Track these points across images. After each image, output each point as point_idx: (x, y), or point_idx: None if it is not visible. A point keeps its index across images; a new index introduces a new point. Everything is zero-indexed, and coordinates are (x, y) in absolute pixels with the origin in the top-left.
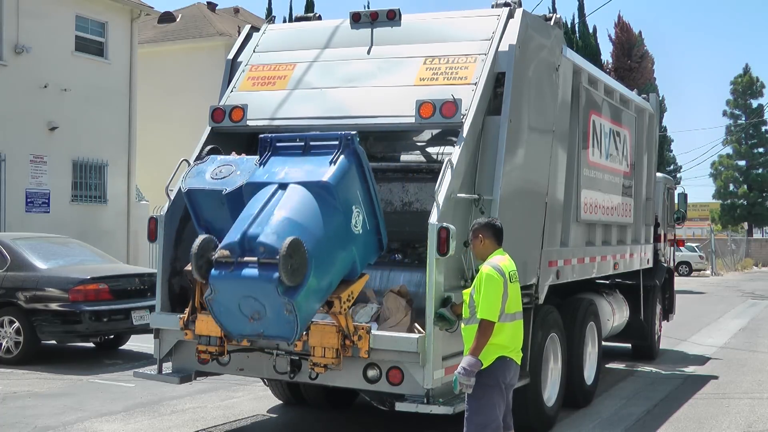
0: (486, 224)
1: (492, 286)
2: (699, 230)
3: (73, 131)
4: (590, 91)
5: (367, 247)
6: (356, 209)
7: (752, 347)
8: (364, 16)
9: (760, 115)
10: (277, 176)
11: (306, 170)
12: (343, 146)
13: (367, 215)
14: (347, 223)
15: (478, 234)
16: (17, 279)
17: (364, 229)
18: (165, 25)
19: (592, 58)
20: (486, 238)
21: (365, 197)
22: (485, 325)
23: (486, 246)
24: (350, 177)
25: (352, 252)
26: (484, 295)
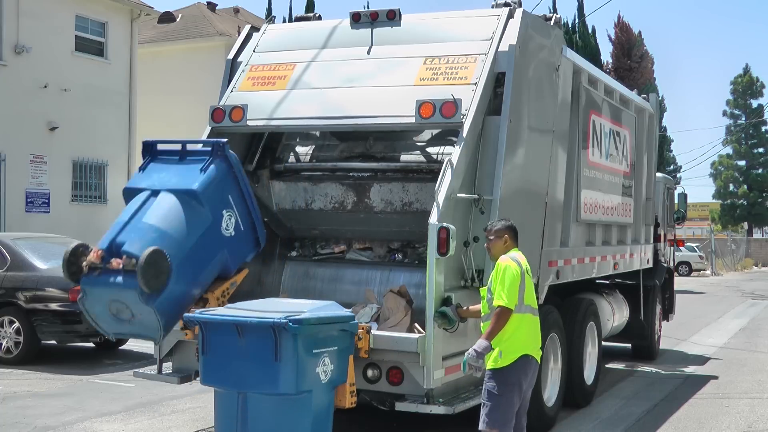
0: (510, 226)
1: (510, 275)
2: (699, 230)
3: (73, 131)
4: (590, 91)
5: (241, 247)
6: (228, 213)
7: (752, 347)
8: (364, 16)
9: (760, 115)
10: (151, 182)
11: (178, 177)
12: (214, 153)
13: (240, 217)
14: (217, 228)
15: (503, 235)
16: (17, 279)
17: (237, 231)
18: (165, 25)
19: (592, 58)
20: (510, 239)
21: (238, 200)
22: (502, 312)
23: (508, 247)
24: (220, 183)
25: (224, 253)
26: (502, 283)
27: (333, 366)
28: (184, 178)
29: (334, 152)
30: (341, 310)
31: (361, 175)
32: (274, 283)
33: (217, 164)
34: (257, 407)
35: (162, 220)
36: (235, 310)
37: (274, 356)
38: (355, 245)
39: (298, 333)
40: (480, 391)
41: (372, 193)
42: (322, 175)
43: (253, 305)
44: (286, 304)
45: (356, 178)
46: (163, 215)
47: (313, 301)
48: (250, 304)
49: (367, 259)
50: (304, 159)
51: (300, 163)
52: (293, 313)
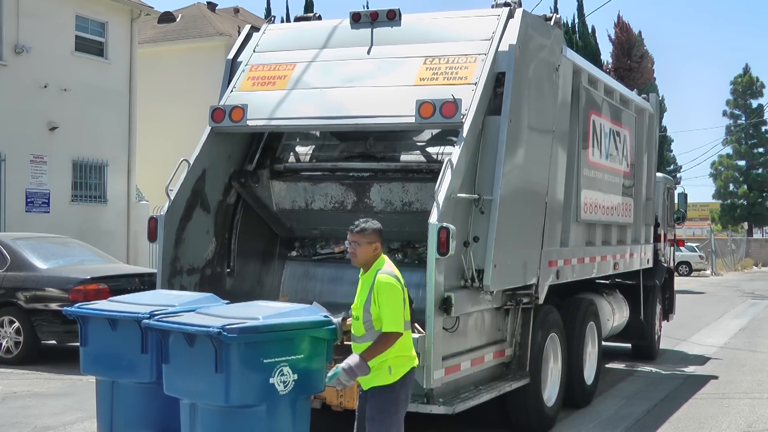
0: (379, 230)
1: (395, 295)
2: (699, 230)
3: (73, 131)
4: (590, 91)
5: None
6: None
7: (752, 347)
8: (364, 16)
9: (760, 115)
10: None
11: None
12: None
13: None
14: None
15: (374, 240)
16: (17, 279)
17: None
18: (165, 25)
19: (592, 58)
20: (380, 245)
21: None
22: (392, 337)
23: (377, 254)
24: None
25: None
26: (389, 306)
27: (297, 376)
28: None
29: (334, 152)
30: (313, 314)
31: (361, 175)
32: (274, 283)
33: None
34: (206, 419)
35: None
36: (196, 316)
37: (214, 366)
38: None
39: (233, 342)
40: (480, 391)
41: (372, 193)
42: (322, 175)
43: (227, 310)
44: (251, 308)
45: (356, 178)
46: None
47: (284, 304)
48: (228, 309)
49: None
50: (304, 159)
51: (300, 163)
52: (241, 320)
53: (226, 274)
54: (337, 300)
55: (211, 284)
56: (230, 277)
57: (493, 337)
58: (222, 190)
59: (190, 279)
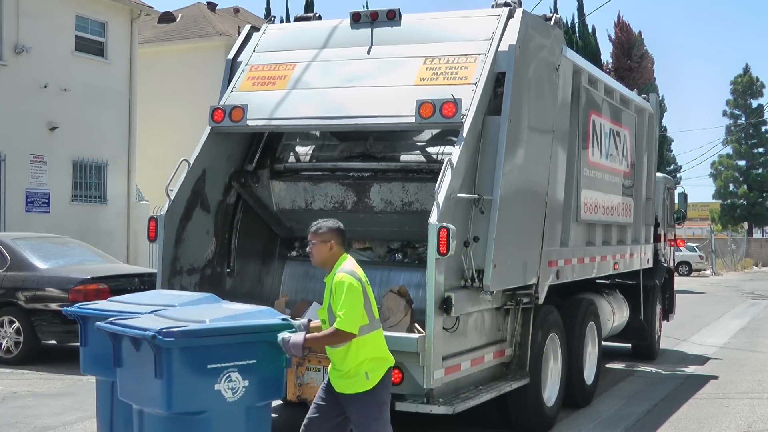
0: (336, 229)
1: (353, 295)
2: (699, 230)
3: (73, 131)
4: (590, 91)
5: None
6: None
7: (752, 347)
8: (364, 16)
9: (760, 115)
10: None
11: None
12: None
13: None
14: None
15: (328, 239)
16: (17, 279)
17: None
18: (165, 25)
19: (592, 58)
20: (337, 244)
21: None
22: (342, 336)
23: (334, 253)
24: None
25: None
26: (346, 305)
27: (248, 382)
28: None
29: (334, 152)
30: (269, 317)
31: (361, 175)
32: (274, 283)
33: None
34: (151, 426)
35: None
36: (150, 318)
37: (154, 371)
38: (355, 245)
39: (173, 347)
40: (480, 391)
41: (372, 193)
42: (322, 175)
43: (184, 312)
44: (206, 310)
45: (356, 178)
46: None
47: (244, 306)
48: (184, 312)
49: (367, 259)
50: (304, 159)
51: (300, 163)
52: (186, 323)
53: (226, 274)
54: None
55: (211, 284)
56: (230, 277)
57: (493, 337)
58: (222, 190)
59: (190, 279)
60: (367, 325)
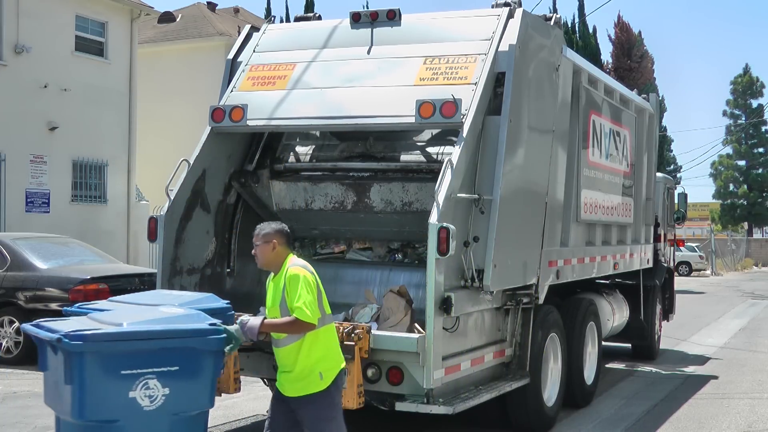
0: (279, 230)
1: (310, 287)
2: (699, 230)
3: (73, 131)
4: (590, 91)
5: None
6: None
7: (752, 347)
8: (364, 16)
9: (760, 115)
10: None
11: None
12: None
13: None
14: None
15: (270, 240)
16: (17, 279)
17: None
18: (165, 25)
19: (592, 58)
20: (280, 244)
21: None
22: (302, 325)
23: (279, 253)
24: None
25: None
26: (304, 296)
27: (169, 390)
28: None
29: (334, 152)
30: (197, 322)
31: (361, 175)
32: None
33: None
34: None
35: None
36: (79, 320)
37: (63, 376)
38: (355, 245)
39: (84, 351)
40: (480, 391)
41: (372, 193)
42: (322, 175)
43: (112, 316)
44: (132, 313)
45: (356, 178)
46: None
47: (177, 310)
48: (113, 315)
49: (367, 259)
50: (304, 159)
51: (300, 163)
52: (102, 326)
53: (226, 274)
54: (337, 300)
55: (211, 284)
56: (230, 277)
57: (493, 337)
58: (222, 190)
59: (190, 279)
60: (320, 319)
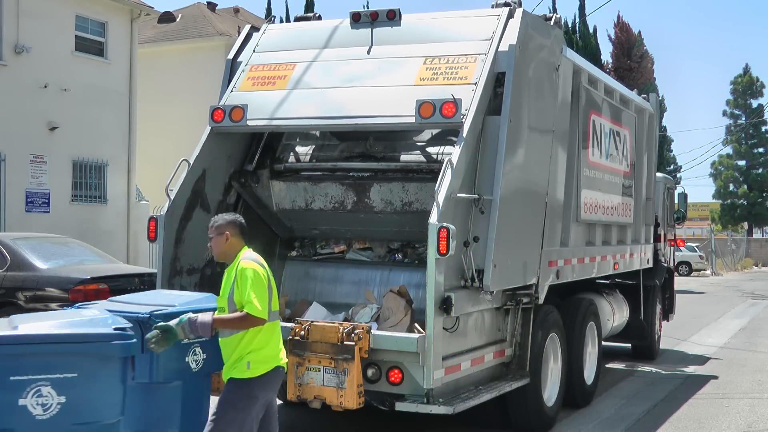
0: (232, 222)
1: (260, 282)
2: (699, 230)
3: (73, 131)
4: (590, 91)
5: None
6: None
7: (752, 347)
8: (364, 16)
9: (760, 115)
10: None
11: None
12: None
13: None
14: None
15: (223, 231)
16: (17, 279)
17: None
18: (165, 25)
19: (592, 58)
20: (234, 236)
21: None
22: (250, 320)
23: (232, 244)
24: None
25: None
26: (255, 291)
27: (65, 398)
28: None
29: (334, 152)
30: (102, 327)
31: (361, 175)
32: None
33: None
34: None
35: None
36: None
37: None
38: (355, 245)
39: None
40: (480, 391)
41: (372, 193)
42: (322, 175)
43: (22, 318)
44: (47, 317)
45: (356, 178)
46: None
47: (89, 312)
48: (24, 317)
49: (367, 259)
50: (304, 159)
51: (300, 163)
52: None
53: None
54: (337, 300)
55: (211, 284)
56: None
57: (493, 337)
58: (222, 190)
59: (190, 279)
60: (268, 313)
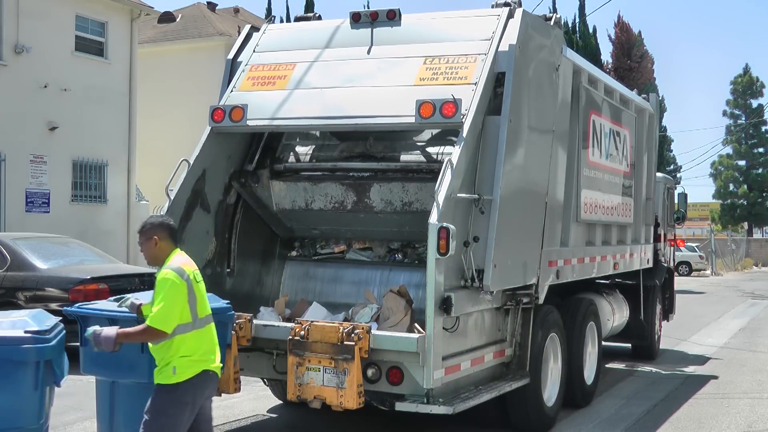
0: (160, 224)
1: (173, 292)
2: (699, 230)
3: (73, 131)
4: (590, 91)
5: None
6: None
7: (752, 347)
8: (364, 16)
9: (760, 115)
10: None
11: None
12: None
13: None
14: None
15: (151, 236)
16: (17, 279)
17: None
18: (165, 25)
19: (592, 58)
20: (162, 239)
21: None
22: (153, 333)
23: (162, 248)
24: None
25: None
26: (162, 303)
27: None
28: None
29: (334, 152)
30: (11, 329)
31: (361, 175)
32: (274, 283)
33: None
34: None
35: None
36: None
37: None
38: (355, 245)
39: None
40: (480, 391)
41: (372, 193)
42: (322, 175)
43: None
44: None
45: (356, 178)
46: None
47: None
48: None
49: (367, 259)
50: (304, 159)
51: (300, 163)
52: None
53: (226, 274)
54: (337, 300)
55: (211, 284)
56: (230, 277)
57: (493, 337)
58: (222, 190)
59: None
60: (189, 323)
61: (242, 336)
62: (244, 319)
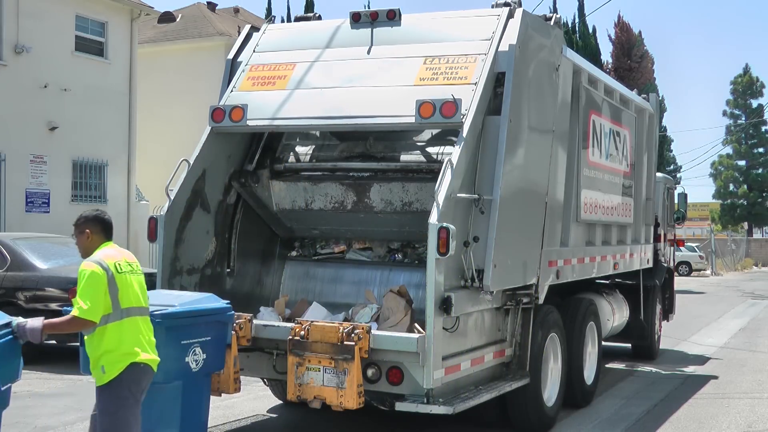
0: (92, 218)
1: (93, 282)
2: (699, 230)
3: (73, 131)
4: (590, 91)
5: None
6: None
7: (752, 347)
8: (364, 16)
9: (760, 115)
10: None
11: None
12: None
13: None
14: None
15: (84, 229)
16: (17, 279)
17: None
18: (165, 25)
19: (592, 58)
20: (94, 233)
21: None
22: (77, 323)
23: (93, 241)
24: None
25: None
26: (85, 292)
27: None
28: None
29: (334, 152)
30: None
31: (361, 175)
32: (274, 283)
33: None
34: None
35: None
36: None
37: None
38: (355, 245)
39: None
40: (480, 391)
41: (372, 193)
42: (322, 175)
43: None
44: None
45: (356, 178)
46: None
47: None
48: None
49: (367, 259)
50: (304, 159)
51: (300, 163)
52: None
53: (226, 274)
54: (337, 300)
55: (211, 284)
56: (230, 277)
57: (493, 337)
58: (222, 190)
59: (190, 279)
60: (111, 314)
61: (242, 336)
62: (244, 319)
